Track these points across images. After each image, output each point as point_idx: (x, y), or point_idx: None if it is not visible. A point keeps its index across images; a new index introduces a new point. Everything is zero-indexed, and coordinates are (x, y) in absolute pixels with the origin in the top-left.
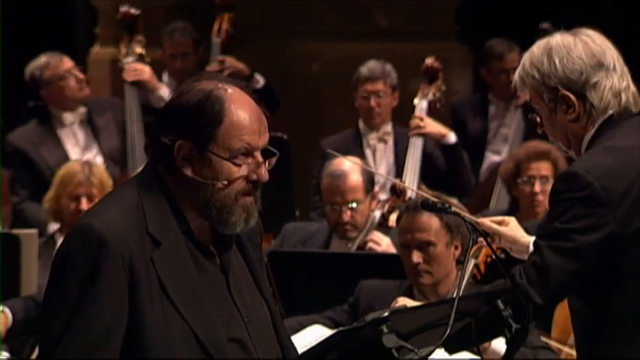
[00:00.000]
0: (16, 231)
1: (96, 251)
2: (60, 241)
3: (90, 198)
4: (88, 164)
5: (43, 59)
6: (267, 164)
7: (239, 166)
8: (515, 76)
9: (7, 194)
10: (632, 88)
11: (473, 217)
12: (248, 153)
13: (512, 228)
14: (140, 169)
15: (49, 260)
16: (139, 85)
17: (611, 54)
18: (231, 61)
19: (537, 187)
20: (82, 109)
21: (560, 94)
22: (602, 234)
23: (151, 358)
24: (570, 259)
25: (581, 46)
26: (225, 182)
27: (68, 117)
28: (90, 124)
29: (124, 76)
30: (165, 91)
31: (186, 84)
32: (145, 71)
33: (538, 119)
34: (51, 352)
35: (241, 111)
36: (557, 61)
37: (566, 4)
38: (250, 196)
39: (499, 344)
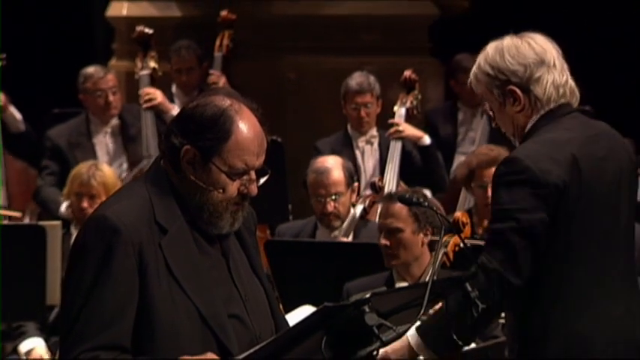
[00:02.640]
0: (42, 223)
1: (109, 238)
2: (75, 233)
3: (91, 197)
4: (95, 166)
5: (91, 69)
6: (258, 181)
7: (234, 180)
8: (471, 75)
9: (34, 189)
10: (571, 82)
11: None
12: (244, 172)
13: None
14: (149, 166)
15: (67, 250)
16: (153, 107)
17: (551, 52)
18: (222, 79)
19: (489, 192)
20: (115, 121)
21: (507, 88)
22: (546, 213)
23: (159, 331)
24: (525, 237)
25: (527, 46)
26: (221, 191)
27: (102, 126)
28: (121, 134)
29: (140, 101)
30: (176, 112)
31: (205, 95)
32: (157, 95)
33: (491, 113)
34: (72, 326)
35: (247, 133)
36: (507, 58)
37: (526, 23)
38: (239, 206)
39: None
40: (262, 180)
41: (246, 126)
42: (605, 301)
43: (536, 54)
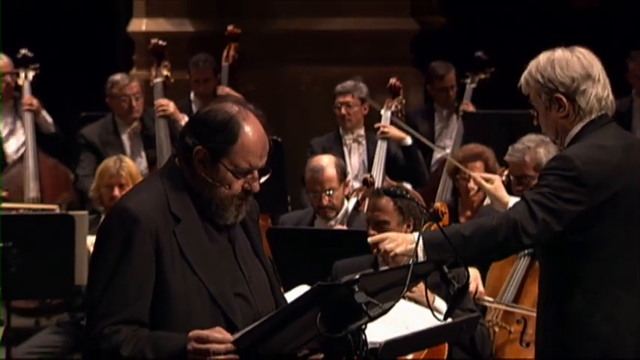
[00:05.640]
0: (71, 212)
1: (130, 226)
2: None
3: (121, 186)
4: (120, 160)
5: (118, 76)
6: (260, 179)
7: (238, 179)
8: (522, 79)
9: (67, 183)
10: (611, 96)
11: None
12: (249, 171)
13: (497, 187)
14: (164, 163)
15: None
16: (166, 116)
17: (597, 68)
18: (228, 91)
19: (472, 183)
20: (136, 124)
21: (555, 95)
22: (578, 209)
23: (173, 308)
24: (552, 217)
25: (576, 60)
26: (227, 187)
27: (126, 127)
28: (142, 135)
29: (154, 109)
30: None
31: (217, 101)
32: (170, 107)
33: (535, 114)
34: (97, 304)
35: (252, 136)
36: (557, 69)
37: (495, 37)
38: (243, 200)
39: (441, 304)
40: (264, 178)
41: (251, 130)
42: (638, 289)
43: (583, 68)
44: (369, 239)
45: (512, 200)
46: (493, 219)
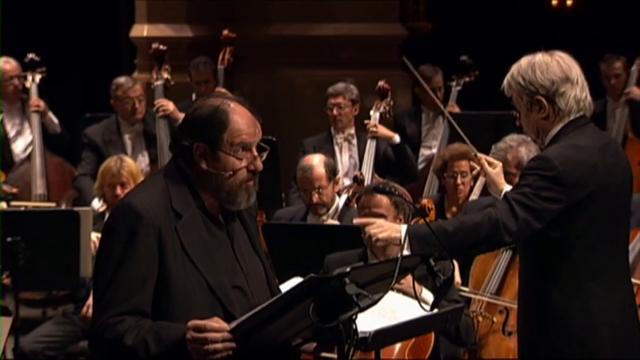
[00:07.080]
0: (76, 208)
1: (133, 222)
2: (106, 217)
3: (122, 185)
4: (120, 160)
5: (122, 79)
6: (261, 157)
7: (241, 159)
8: (504, 82)
9: (69, 181)
10: (589, 98)
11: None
12: (246, 147)
13: (497, 173)
14: (166, 163)
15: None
16: (166, 116)
17: (576, 71)
18: (225, 93)
19: (458, 180)
20: (139, 124)
21: (535, 97)
22: (557, 207)
23: (174, 300)
24: (532, 216)
25: (555, 64)
26: (231, 172)
27: (129, 127)
28: (144, 136)
29: (155, 109)
30: None
31: (200, 101)
32: (170, 106)
33: (517, 115)
34: (102, 295)
35: (241, 118)
36: (538, 73)
37: (479, 42)
38: (250, 182)
39: (428, 295)
40: (264, 155)
41: (237, 114)
42: (612, 283)
43: (562, 71)
44: (355, 220)
45: (507, 188)
46: (476, 217)
